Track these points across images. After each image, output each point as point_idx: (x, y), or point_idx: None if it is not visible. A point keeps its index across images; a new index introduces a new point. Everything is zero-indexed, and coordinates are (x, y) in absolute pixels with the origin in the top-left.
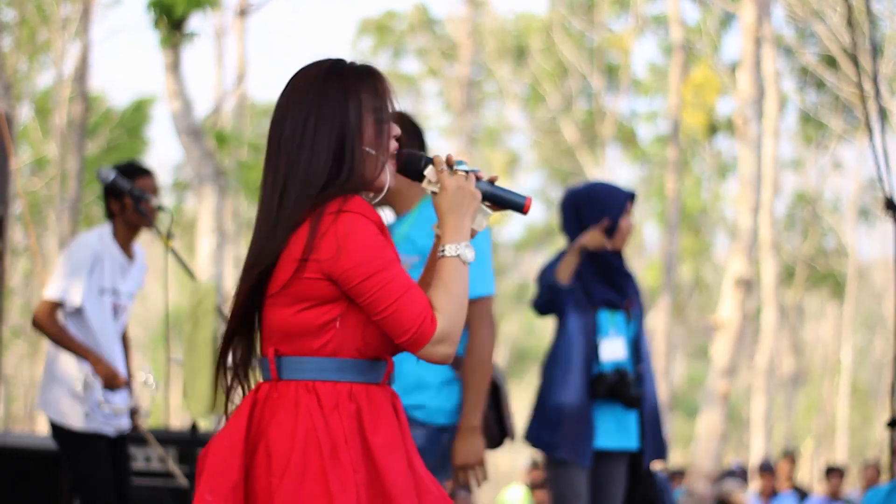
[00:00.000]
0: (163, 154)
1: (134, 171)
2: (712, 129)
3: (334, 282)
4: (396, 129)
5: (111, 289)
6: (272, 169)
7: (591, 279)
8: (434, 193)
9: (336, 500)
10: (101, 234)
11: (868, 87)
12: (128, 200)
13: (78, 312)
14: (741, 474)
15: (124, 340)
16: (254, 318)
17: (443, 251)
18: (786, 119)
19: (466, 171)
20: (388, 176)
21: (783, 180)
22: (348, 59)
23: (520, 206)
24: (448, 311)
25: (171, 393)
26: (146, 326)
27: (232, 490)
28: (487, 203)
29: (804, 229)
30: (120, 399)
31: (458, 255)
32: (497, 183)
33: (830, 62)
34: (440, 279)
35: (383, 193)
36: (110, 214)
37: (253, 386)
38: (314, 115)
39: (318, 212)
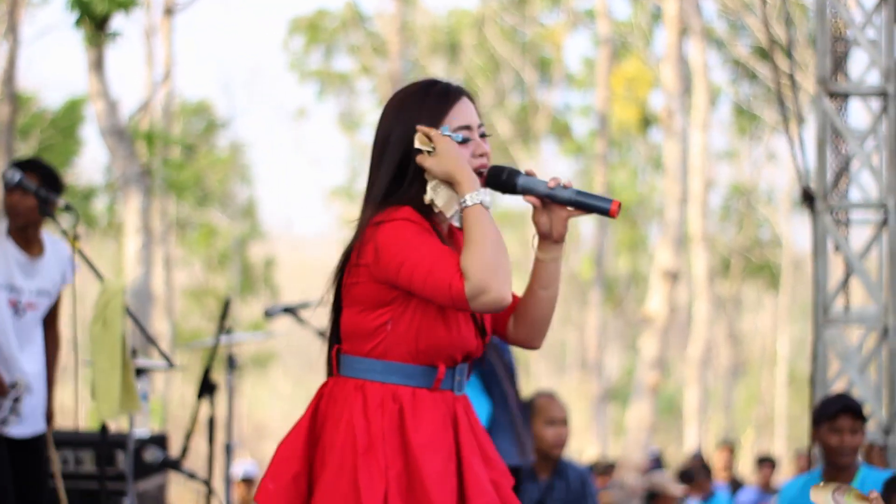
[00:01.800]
0: (97, 154)
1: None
2: (646, 122)
3: (383, 284)
4: (482, 147)
5: (7, 285)
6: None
7: None
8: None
9: (363, 494)
10: None
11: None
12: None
13: None
14: (655, 462)
15: (51, 339)
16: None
17: (463, 201)
18: (719, 111)
19: (451, 136)
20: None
21: (718, 172)
22: (445, 80)
23: (605, 210)
24: (474, 264)
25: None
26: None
27: (293, 480)
28: (571, 209)
29: (739, 220)
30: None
31: (480, 202)
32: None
33: (763, 54)
34: (465, 233)
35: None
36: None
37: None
38: (391, 132)
39: (366, 221)
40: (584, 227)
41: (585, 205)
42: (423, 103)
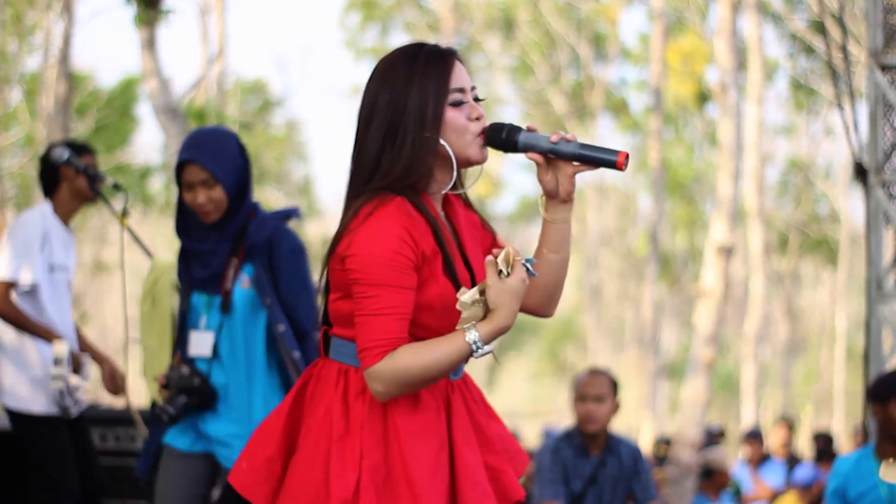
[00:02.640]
0: (153, 133)
1: (81, 150)
2: (703, 97)
3: None
4: (478, 110)
5: (62, 265)
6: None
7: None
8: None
9: (333, 482)
10: (42, 212)
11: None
12: (65, 179)
13: (31, 291)
14: (718, 436)
15: None
16: None
17: (469, 337)
18: (777, 86)
19: (527, 267)
20: (474, 151)
21: (776, 147)
22: (432, 42)
23: (611, 162)
24: (401, 363)
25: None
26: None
27: (266, 462)
28: (577, 164)
29: (797, 196)
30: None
31: (473, 345)
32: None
33: (819, 28)
34: (434, 344)
35: (453, 171)
36: (48, 192)
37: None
38: (377, 102)
39: (357, 208)
40: (642, 203)
41: (590, 158)
42: (412, 67)
